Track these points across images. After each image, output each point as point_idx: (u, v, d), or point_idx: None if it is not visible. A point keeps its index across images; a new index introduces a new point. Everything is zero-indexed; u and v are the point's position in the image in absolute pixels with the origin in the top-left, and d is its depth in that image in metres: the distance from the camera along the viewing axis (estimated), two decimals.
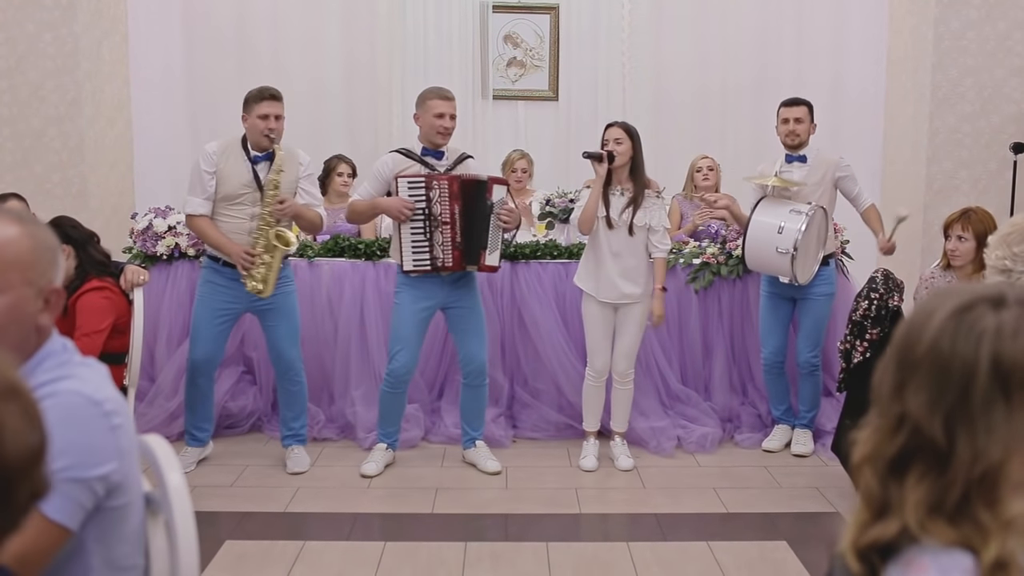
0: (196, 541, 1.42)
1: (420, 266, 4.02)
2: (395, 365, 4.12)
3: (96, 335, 3.41)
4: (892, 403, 1.00)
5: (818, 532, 3.70)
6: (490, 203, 4.01)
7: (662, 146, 6.58)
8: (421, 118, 4.12)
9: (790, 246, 4.09)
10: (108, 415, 1.35)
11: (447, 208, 3.97)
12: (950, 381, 0.96)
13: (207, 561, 3.20)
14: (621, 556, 3.38)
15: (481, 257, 4.05)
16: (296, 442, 4.27)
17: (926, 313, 1.01)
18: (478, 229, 4.02)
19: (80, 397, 1.34)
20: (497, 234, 4.09)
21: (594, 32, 6.56)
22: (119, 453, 1.36)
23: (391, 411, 4.24)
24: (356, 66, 6.54)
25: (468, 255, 4.03)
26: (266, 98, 3.96)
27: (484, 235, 4.03)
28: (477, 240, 4.03)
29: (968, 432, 0.95)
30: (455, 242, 4.00)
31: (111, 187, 5.41)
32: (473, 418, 4.33)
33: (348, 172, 5.58)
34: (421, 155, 4.11)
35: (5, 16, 5.03)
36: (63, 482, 1.28)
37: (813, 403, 4.57)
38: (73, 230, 3.60)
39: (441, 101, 4.07)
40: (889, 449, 0.99)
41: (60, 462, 1.27)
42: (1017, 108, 5.29)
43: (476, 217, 4.00)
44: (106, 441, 1.34)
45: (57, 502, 1.29)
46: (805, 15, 6.56)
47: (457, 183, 3.99)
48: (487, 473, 4.22)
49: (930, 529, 0.94)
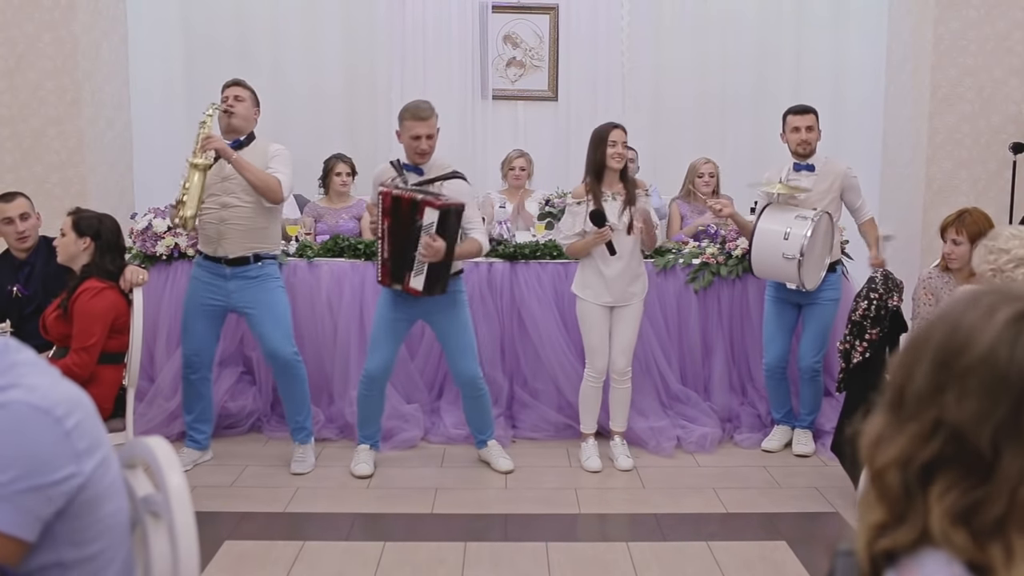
0: (196, 542, 1.42)
1: (377, 276, 4.04)
2: (368, 367, 4.12)
3: (91, 349, 3.42)
4: (926, 406, 0.95)
5: (818, 532, 3.71)
6: (418, 224, 3.81)
7: (661, 147, 6.60)
8: (401, 136, 4.05)
9: (796, 251, 4.08)
10: (59, 421, 1.31)
11: (380, 222, 3.91)
12: (1006, 393, 0.90)
13: (207, 561, 3.20)
14: (621, 556, 3.38)
15: (406, 278, 3.91)
16: (304, 437, 4.27)
17: (978, 315, 0.94)
18: (405, 248, 3.86)
19: (26, 407, 1.29)
20: (422, 260, 3.85)
21: (593, 32, 6.57)
22: (76, 456, 1.32)
23: (369, 412, 4.23)
24: (356, 66, 6.55)
25: (394, 273, 3.94)
26: (227, 86, 4.14)
27: (411, 255, 3.87)
28: (403, 259, 3.89)
29: (1018, 448, 0.90)
30: (383, 258, 3.94)
31: (111, 187, 5.41)
32: (479, 424, 4.34)
33: (347, 171, 5.58)
34: (402, 167, 4.06)
35: (5, 16, 5.03)
36: (13, 494, 1.27)
37: (814, 406, 4.57)
38: (110, 233, 3.60)
39: (415, 122, 3.94)
40: (923, 454, 0.94)
41: (7, 474, 1.26)
42: (1017, 108, 5.29)
43: (403, 236, 3.86)
44: (59, 448, 1.31)
45: (8, 515, 1.27)
46: (805, 17, 6.57)
47: (389, 198, 3.87)
48: (500, 472, 4.24)
49: (953, 541, 0.90)
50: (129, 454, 1.56)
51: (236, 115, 4.04)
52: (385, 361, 4.12)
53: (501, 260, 4.81)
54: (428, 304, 4.04)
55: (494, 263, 4.80)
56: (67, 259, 3.58)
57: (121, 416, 3.58)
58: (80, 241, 3.55)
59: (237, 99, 4.07)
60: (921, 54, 5.40)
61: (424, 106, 3.99)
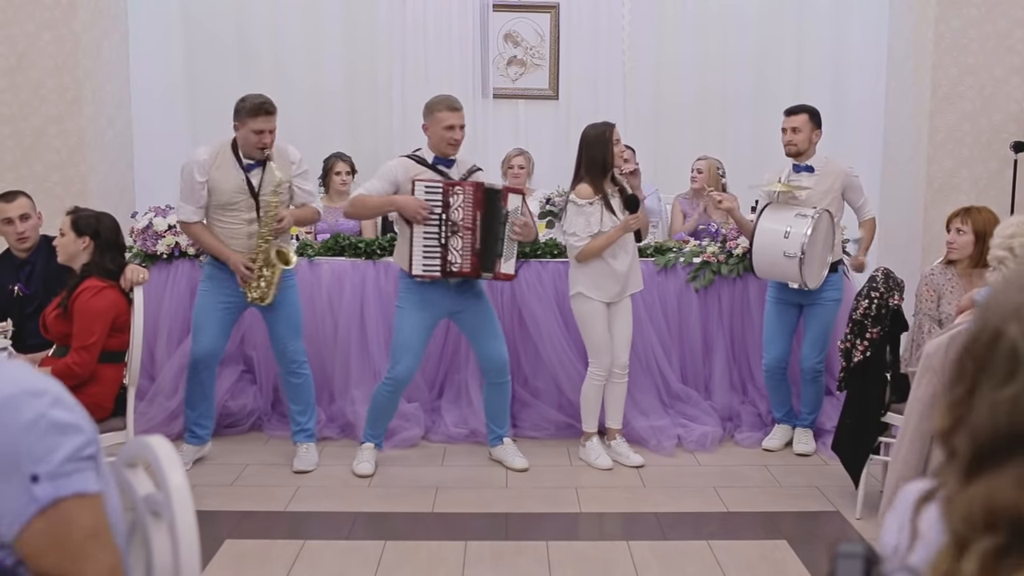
0: (198, 541, 1.42)
1: (430, 271, 3.99)
2: (398, 371, 4.10)
3: (91, 348, 3.41)
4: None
5: (819, 531, 3.71)
6: (505, 211, 4.05)
7: (662, 145, 6.59)
8: (430, 128, 4.07)
9: (797, 249, 4.09)
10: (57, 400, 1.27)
11: (469, 214, 3.96)
12: None
13: (207, 560, 3.20)
14: (621, 555, 3.38)
15: (497, 265, 4.06)
16: (305, 438, 4.27)
17: None
18: (495, 237, 4.04)
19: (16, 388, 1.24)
20: (512, 243, 4.11)
21: (594, 31, 6.56)
22: (80, 428, 1.29)
23: (384, 413, 4.24)
24: (356, 65, 6.54)
25: (485, 262, 4.03)
26: (261, 114, 3.90)
27: (500, 243, 4.05)
28: (494, 247, 4.04)
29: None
30: (474, 248, 3.99)
31: (111, 186, 5.41)
32: (498, 416, 4.35)
33: (347, 170, 5.58)
34: (433, 163, 4.09)
35: (6, 15, 5.02)
36: (85, 459, 1.26)
37: (815, 406, 4.57)
38: (108, 231, 3.59)
39: (450, 113, 4.03)
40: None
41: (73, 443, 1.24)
42: (1018, 107, 5.28)
43: (494, 225, 4.03)
44: (60, 416, 1.26)
45: (87, 475, 1.26)
46: (806, 14, 6.56)
47: (481, 190, 4.00)
48: (515, 470, 4.25)
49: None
50: (130, 453, 1.56)
51: (270, 150, 3.98)
52: (415, 365, 4.15)
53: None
54: (457, 296, 4.11)
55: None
56: (67, 259, 3.58)
57: (122, 415, 3.58)
58: (79, 240, 3.54)
59: (271, 132, 3.95)
60: (922, 52, 5.39)
61: (455, 98, 4.13)
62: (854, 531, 3.66)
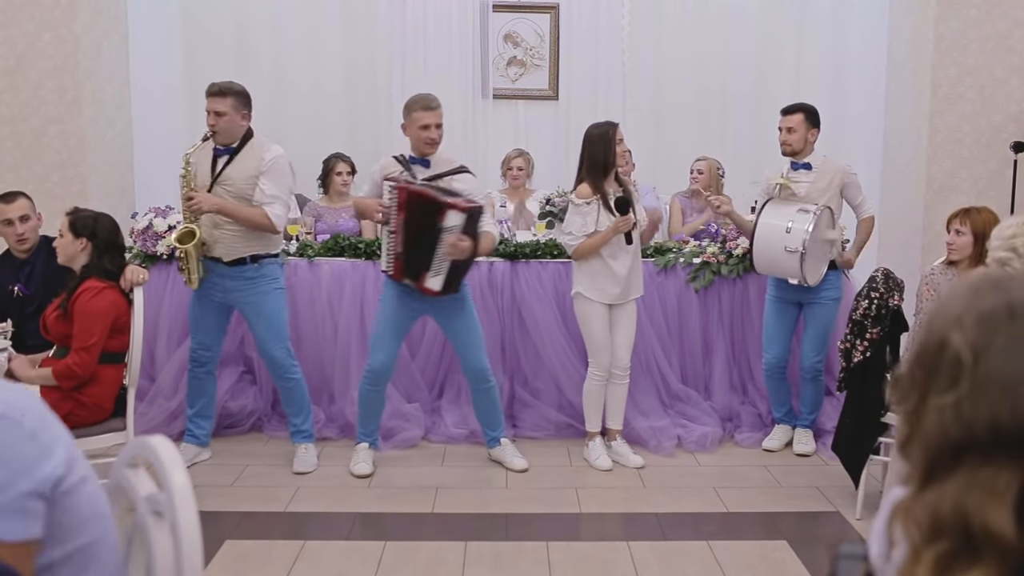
0: (200, 541, 1.42)
1: (387, 269, 4.06)
2: (373, 362, 4.13)
3: (91, 349, 3.41)
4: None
5: (819, 532, 3.71)
6: (439, 227, 3.85)
7: (662, 145, 6.59)
8: (408, 128, 4.08)
9: (799, 244, 4.10)
10: (18, 423, 1.26)
11: (394, 216, 3.93)
12: None
13: (207, 560, 3.20)
14: (621, 555, 3.39)
15: (422, 276, 3.94)
16: (302, 439, 4.28)
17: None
18: (422, 247, 3.89)
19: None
20: (445, 260, 3.89)
21: (594, 31, 6.56)
22: (47, 452, 1.28)
23: (371, 409, 4.24)
24: (356, 65, 6.54)
25: (408, 268, 3.96)
26: (208, 95, 4.01)
27: (428, 255, 3.90)
28: (420, 257, 3.92)
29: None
30: (396, 251, 3.97)
31: (111, 187, 5.40)
32: (489, 419, 4.35)
33: (347, 171, 5.58)
34: (408, 162, 4.09)
35: (5, 15, 5.02)
36: (8, 502, 1.23)
37: (815, 406, 4.57)
38: (106, 232, 3.58)
39: (425, 112, 4.01)
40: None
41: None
42: (1017, 107, 5.28)
43: (419, 234, 3.89)
44: (28, 449, 1.26)
45: (10, 524, 1.24)
46: (806, 15, 6.56)
47: (406, 193, 3.90)
48: (515, 471, 4.25)
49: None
50: (132, 453, 1.56)
51: (219, 133, 4.00)
52: (390, 357, 4.14)
53: (502, 259, 4.81)
54: (436, 300, 4.07)
55: (495, 262, 4.80)
56: (66, 260, 3.58)
57: (122, 416, 3.58)
58: (77, 242, 3.54)
59: (217, 115, 3.97)
60: (922, 53, 5.39)
61: (432, 97, 4.10)
62: (854, 531, 3.66)
